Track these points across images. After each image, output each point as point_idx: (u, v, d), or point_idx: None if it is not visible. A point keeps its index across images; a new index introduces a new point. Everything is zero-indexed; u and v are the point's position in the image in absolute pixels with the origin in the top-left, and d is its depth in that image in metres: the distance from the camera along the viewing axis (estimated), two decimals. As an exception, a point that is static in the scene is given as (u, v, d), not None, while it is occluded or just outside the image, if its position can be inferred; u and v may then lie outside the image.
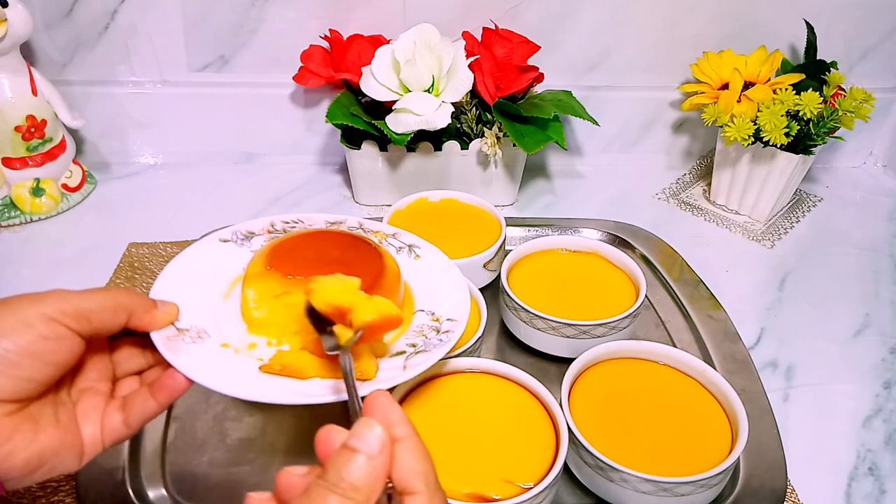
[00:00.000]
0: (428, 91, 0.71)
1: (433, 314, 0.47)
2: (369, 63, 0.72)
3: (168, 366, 0.37)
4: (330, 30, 0.77)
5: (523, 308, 0.56)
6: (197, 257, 0.47)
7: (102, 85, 0.81)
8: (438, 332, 0.44)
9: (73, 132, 0.81)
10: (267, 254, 0.46)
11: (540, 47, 0.75)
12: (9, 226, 0.74)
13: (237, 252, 0.49)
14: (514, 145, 0.71)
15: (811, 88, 0.72)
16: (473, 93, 0.73)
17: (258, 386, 0.38)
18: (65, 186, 0.78)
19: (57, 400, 0.36)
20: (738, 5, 0.80)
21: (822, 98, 0.71)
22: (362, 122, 0.72)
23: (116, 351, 0.40)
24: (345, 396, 0.36)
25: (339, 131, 0.76)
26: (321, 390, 0.39)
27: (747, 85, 0.75)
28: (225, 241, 0.50)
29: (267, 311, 0.44)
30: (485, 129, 0.74)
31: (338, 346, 0.38)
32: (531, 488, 0.41)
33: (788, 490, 0.49)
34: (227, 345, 0.42)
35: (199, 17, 0.78)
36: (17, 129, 0.72)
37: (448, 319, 0.45)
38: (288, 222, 0.52)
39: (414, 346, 0.43)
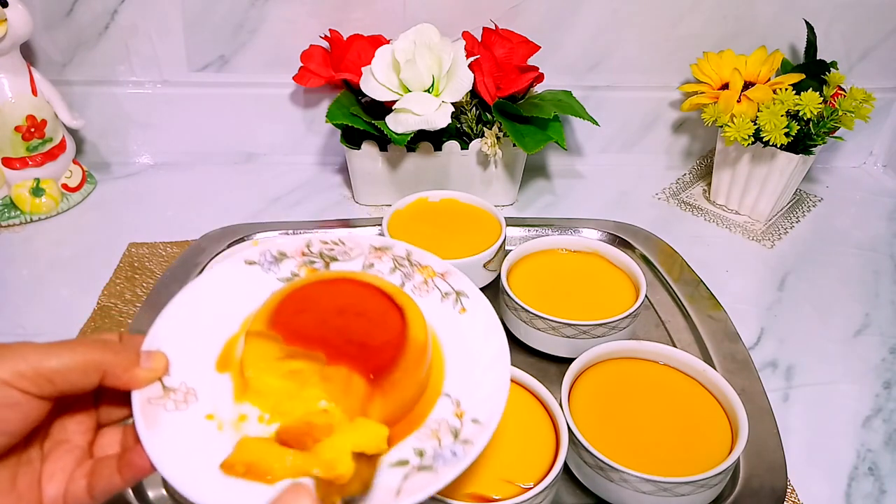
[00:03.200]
0: (428, 91, 0.71)
1: (458, 405, 0.38)
2: (369, 63, 0.72)
3: None
4: (330, 30, 0.77)
5: (523, 308, 0.56)
6: (215, 283, 0.42)
7: (102, 85, 0.81)
8: (456, 437, 0.36)
9: (73, 132, 0.81)
10: (271, 310, 0.39)
11: (540, 47, 0.75)
12: (9, 226, 0.74)
13: (262, 279, 0.43)
14: (514, 145, 0.71)
15: (811, 88, 0.72)
16: (473, 93, 0.73)
17: (220, 490, 0.32)
18: (65, 186, 0.78)
19: (21, 460, 0.32)
20: (738, 5, 0.80)
21: (822, 98, 0.71)
22: (362, 122, 0.72)
23: (101, 397, 0.35)
24: None
25: (339, 131, 0.76)
26: None
27: (747, 85, 0.75)
28: (251, 262, 0.44)
29: (264, 375, 0.37)
30: (485, 129, 0.74)
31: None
32: (531, 488, 0.42)
33: (788, 490, 0.49)
34: (213, 416, 0.36)
35: (199, 17, 0.78)
36: (17, 129, 0.72)
37: (473, 420, 0.37)
38: (327, 243, 0.45)
39: (421, 454, 0.35)
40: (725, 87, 0.76)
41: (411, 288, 0.44)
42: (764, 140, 0.72)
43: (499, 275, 0.61)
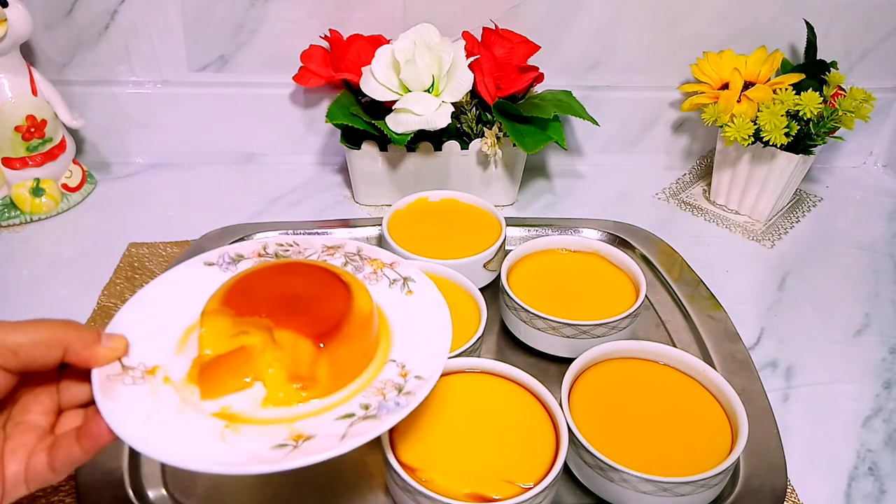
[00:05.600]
0: (428, 91, 0.71)
1: (403, 367, 0.41)
2: (369, 63, 0.72)
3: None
4: (330, 30, 0.77)
5: (523, 308, 0.56)
6: (176, 282, 0.44)
7: (102, 85, 0.81)
8: (400, 391, 0.39)
9: (73, 132, 0.81)
10: (225, 290, 0.42)
11: (540, 47, 0.75)
12: (9, 226, 0.74)
13: (220, 278, 0.44)
14: (514, 145, 0.71)
15: (811, 88, 0.72)
16: (473, 93, 0.73)
17: (176, 447, 0.34)
18: (65, 186, 0.78)
19: None
20: (738, 5, 0.80)
21: (822, 98, 0.71)
22: (362, 122, 0.72)
23: (64, 381, 0.37)
24: (283, 466, 0.33)
25: (339, 131, 0.76)
26: (246, 458, 0.34)
27: (747, 85, 0.75)
28: (210, 264, 0.46)
29: (218, 351, 0.40)
30: (485, 129, 0.74)
31: None
32: (531, 488, 0.41)
33: (788, 490, 0.49)
34: (169, 379, 0.38)
35: (199, 17, 0.78)
36: (17, 129, 0.72)
37: (416, 377, 0.39)
38: (282, 245, 0.48)
39: (367, 407, 0.38)
40: (725, 87, 0.76)
41: (361, 277, 0.46)
42: (764, 140, 0.72)
43: (499, 275, 0.61)
